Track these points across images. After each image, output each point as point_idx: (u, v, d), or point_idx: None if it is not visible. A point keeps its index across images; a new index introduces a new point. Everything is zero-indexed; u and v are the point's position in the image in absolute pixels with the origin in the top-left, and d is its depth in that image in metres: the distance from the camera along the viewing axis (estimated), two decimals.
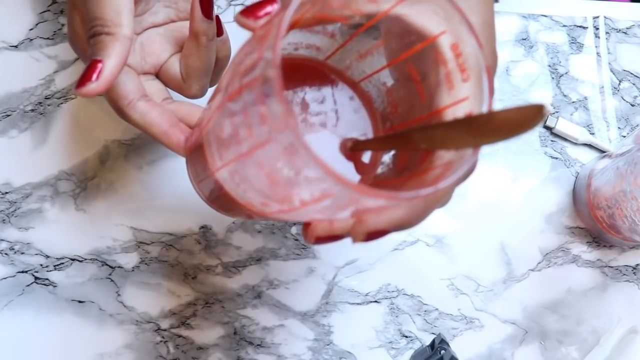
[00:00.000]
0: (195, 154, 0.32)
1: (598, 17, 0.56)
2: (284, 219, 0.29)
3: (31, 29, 0.52)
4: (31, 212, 0.50)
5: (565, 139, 0.54)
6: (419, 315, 0.51)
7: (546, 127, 0.54)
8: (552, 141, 0.54)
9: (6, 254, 0.49)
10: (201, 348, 0.49)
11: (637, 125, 0.54)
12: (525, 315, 0.51)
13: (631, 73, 0.55)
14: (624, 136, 0.54)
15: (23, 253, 0.49)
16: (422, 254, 0.51)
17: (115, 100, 0.36)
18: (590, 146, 0.54)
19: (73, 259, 0.49)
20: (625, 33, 0.56)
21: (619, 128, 0.54)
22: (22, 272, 0.49)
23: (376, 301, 0.51)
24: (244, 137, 0.24)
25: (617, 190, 0.47)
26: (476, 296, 0.51)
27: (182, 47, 0.38)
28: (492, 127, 0.23)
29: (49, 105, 0.51)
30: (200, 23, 0.36)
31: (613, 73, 0.55)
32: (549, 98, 0.54)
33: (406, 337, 0.50)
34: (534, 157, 0.53)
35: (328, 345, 0.50)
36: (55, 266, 0.49)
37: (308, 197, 0.24)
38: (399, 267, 0.51)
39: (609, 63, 0.55)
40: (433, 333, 0.50)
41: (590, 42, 0.55)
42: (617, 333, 0.50)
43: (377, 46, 0.30)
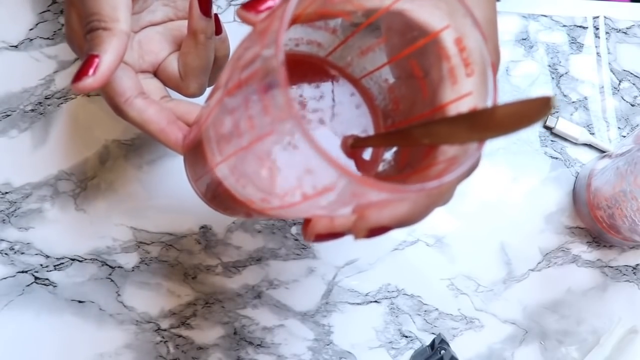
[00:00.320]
0: (193, 151, 0.32)
1: (598, 17, 0.56)
2: (284, 216, 0.28)
3: (31, 29, 0.52)
4: (31, 212, 0.50)
5: (565, 139, 0.54)
6: (419, 315, 0.51)
7: (546, 127, 0.54)
8: (552, 141, 0.54)
9: (6, 254, 0.49)
10: (201, 348, 0.49)
11: (637, 125, 0.54)
12: (525, 315, 0.51)
13: (631, 73, 0.55)
14: (624, 136, 0.54)
15: (23, 253, 0.49)
16: (422, 254, 0.51)
17: (112, 97, 0.36)
18: (590, 146, 0.54)
19: (73, 259, 0.49)
20: (625, 33, 0.56)
21: (619, 128, 0.54)
22: (22, 272, 0.49)
23: (376, 301, 0.51)
24: (245, 130, 0.24)
25: (617, 190, 0.47)
26: (476, 296, 0.51)
27: (181, 46, 0.38)
28: (499, 121, 0.22)
29: (49, 105, 0.51)
30: (198, 21, 0.36)
31: (613, 73, 0.55)
32: None
33: (406, 337, 0.50)
34: (534, 157, 0.53)
35: (328, 345, 0.50)
36: (55, 266, 0.49)
37: (310, 191, 0.24)
38: (399, 267, 0.51)
39: (609, 63, 0.55)
40: (433, 333, 0.50)
41: (590, 42, 0.55)
42: (617, 333, 0.50)
43: (379, 43, 0.30)
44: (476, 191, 0.52)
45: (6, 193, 0.50)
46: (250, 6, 0.27)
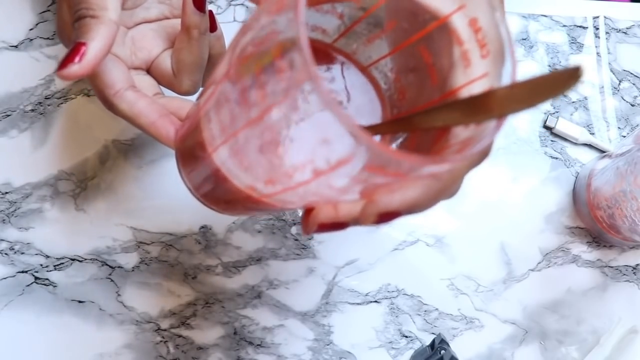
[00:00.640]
0: (187, 142, 0.31)
1: (598, 17, 0.56)
2: (287, 204, 0.27)
3: (31, 29, 0.52)
4: (31, 212, 0.50)
5: (565, 139, 0.54)
6: (419, 315, 0.51)
7: (546, 127, 0.54)
8: (552, 141, 0.54)
9: (6, 254, 0.49)
10: (201, 348, 0.49)
11: (637, 125, 0.54)
12: (525, 315, 0.51)
13: (631, 73, 0.55)
14: (624, 136, 0.54)
15: (23, 253, 0.49)
16: (422, 254, 0.51)
17: (101, 89, 0.35)
18: (590, 146, 0.54)
19: (73, 259, 0.49)
20: (625, 33, 0.56)
21: (619, 128, 0.54)
22: (22, 272, 0.49)
23: (376, 301, 0.51)
24: (255, 101, 0.22)
25: (617, 190, 0.47)
26: (476, 296, 0.51)
27: (174, 43, 0.38)
28: (523, 95, 0.21)
29: (49, 105, 0.51)
30: (191, 16, 0.35)
31: (613, 73, 0.55)
32: None
33: (406, 337, 0.50)
34: (534, 157, 0.53)
35: (328, 345, 0.50)
36: (55, 266, 0.49)
37: (323, 165, 0.22)
38: (399, 267, 0.51)
39: (609, 63, 0.55)
40: (433, 333, 0.50)
41: (590, 42, 0.55)
42: (617, 333, 0.50)
43: (385, 30, 0.29)
44: (476, 191, 0.52)
45: (6, 193, 0.50)
46: None
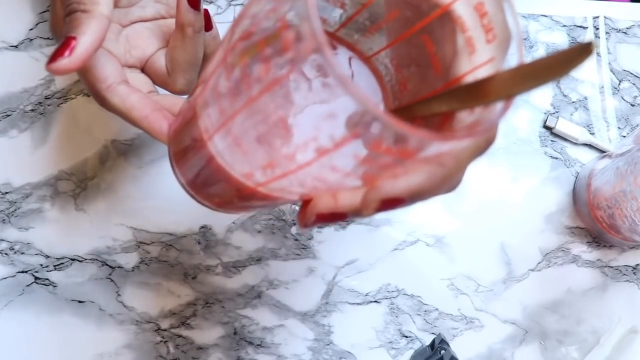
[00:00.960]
0: (180, 135, 0.30)
1: (598, 17, 0.56)
2: (284, 194, 0.26)
3: (31, 29, 0.52)
4: (31, 212, 0.50)
5: (565, 139, 0.54)
6: (419, 315, 0.51)
7: (546, 127, 0.54)
8: (552, 141, 0.54)
9: (6, 254, 0.49)
10: (201, 348, 0.49)
11: (637, 125, 0.54)
12: (525, 315, 0.51)
13: (631, 73, 0.55)
14: (624, 136, 0.54)
15: (23, 253, 0.49)
16: (422, 254, 0.51)
17: (93, 83, 0.34)
18: (590, 146, 0.54)
19: (73, 259, 0.49)
20: (625, 33, 0.56)
21: (619, 128, 0.54)
22: (22, 272, 0.49)
23: (376, 301, 0.51)
24: (258, 76, 0.22)
25: (617, 190, 0.47)
26: (476, 296, 0.51)
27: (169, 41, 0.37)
28: (532, 73, 0.21)
29: (49, 105, 0.51)
30: (186, 14, 0.35)
31: (613, 73, 0.55)
32: (549, 98, 0.54)
33: (406, 337, 0.50)
34: (534, 157, 0.53)
35: (328, 345, 0.50)
36: (55, 266, 0.49)
37: (328, 143, 0.21)
38: (399, 267, 0.51)
39: (609, 63, 0.55)
40: (433, 333, 0.50)
41: None
42: (617, 333, 0.50)
43: (386, 20, 0.29)
44: (476, 191, 0.52)
45: (6, 193, 0.50)
46: None
